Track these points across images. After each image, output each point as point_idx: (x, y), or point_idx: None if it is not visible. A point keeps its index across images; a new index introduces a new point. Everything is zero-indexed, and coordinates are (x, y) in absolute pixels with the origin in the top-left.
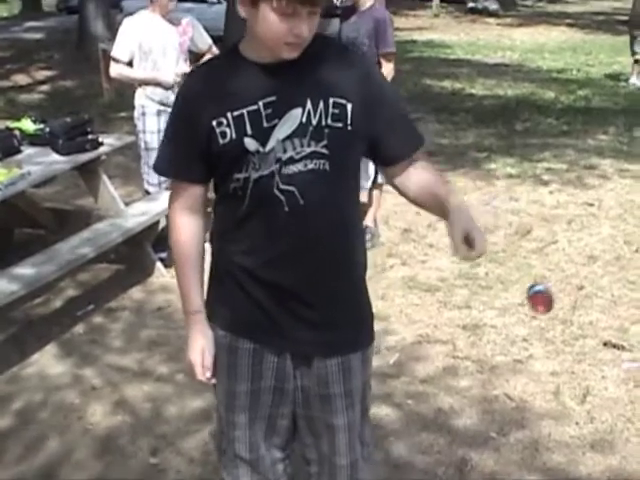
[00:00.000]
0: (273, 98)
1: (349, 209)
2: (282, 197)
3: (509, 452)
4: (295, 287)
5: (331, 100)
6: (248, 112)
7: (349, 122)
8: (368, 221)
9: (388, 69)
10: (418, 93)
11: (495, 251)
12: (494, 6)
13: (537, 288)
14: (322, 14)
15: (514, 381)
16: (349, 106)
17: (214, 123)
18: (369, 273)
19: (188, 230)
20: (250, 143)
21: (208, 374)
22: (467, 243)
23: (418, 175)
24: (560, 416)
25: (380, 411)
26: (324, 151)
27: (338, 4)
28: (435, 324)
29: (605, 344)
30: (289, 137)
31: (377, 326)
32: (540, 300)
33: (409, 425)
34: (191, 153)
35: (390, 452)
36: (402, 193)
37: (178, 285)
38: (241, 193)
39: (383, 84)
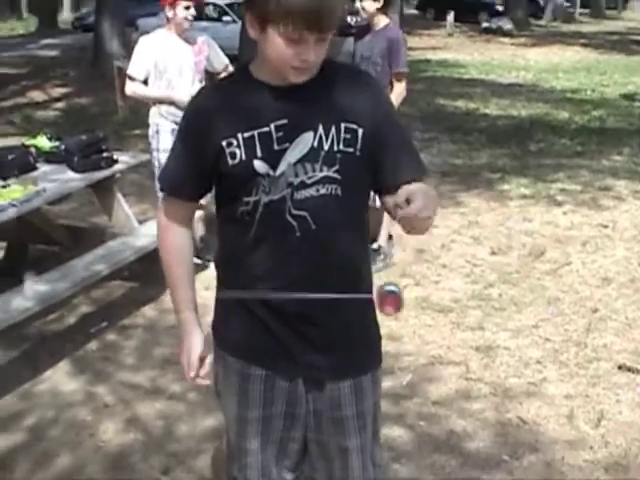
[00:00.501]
0: (285, 121)
1: (359, 232)
2: (294, 222)
3: (522, 475)
4: (306, 312)
5: (343, 125)
6: (259, 134)
7: (359, 147)
8: (381, 241)
9: (400, 89)
10: (432, 113)
11: (509, 272)
12: (508, 26)
13: (388, 288)
14: (337, 33)
15: (527, 404)
16: (360, 131)
17: (224, 143)
18: None
19: (180, 240)
20: (260, 166)
21: (192, 374)
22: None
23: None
24: (574, 440)
25: (392, 432)
26: (336, 176)
27: (352, 23)
28: (448, 345)
29: (620, 367)
30: (300, 161)
31: (390, 346)
32: (390, 300)
33: (421, 447)
34: (196, 171)
35: (402, 473)
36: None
37: (169, 288)
38: (249, 217)
39: (392, 111)
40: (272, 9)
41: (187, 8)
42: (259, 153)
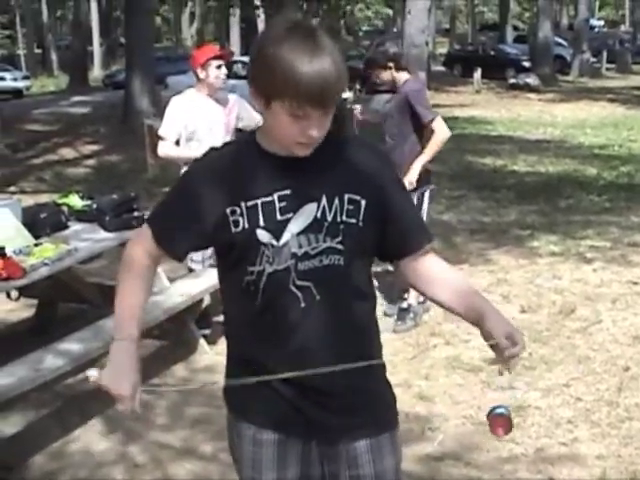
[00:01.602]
0: (288, 191)
1: (365, 301)
2: (299, 293)
3: None
4: (314, 380)
5: (346, 196)
6: (262, 203)
7: (361, 218)
8: (411, 300)
9: (440, 133)
10: (460, 170)
11: (539, 330)
12: (535, 82)
13: (499, 411)
14: (367, 91)
15: (559, 465)
16: (363, 202)
17: (228, 211)
18: (413, 352)
19: (146, 269)
20: (263, 235)
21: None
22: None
23: (441, 273)
24: None
25: None
26: (339, 247)
27: (378, 81)
28: (479, 405)
29: None
30: (304, 232)
31: (420, 407)
32: (501, 422)
33: None
34: (188, 230)
35: None
36: (415, 286)
37: (116, 306)
38: (254, 287)
39: (396, 180)
40: (278, 86)
41: (219, 67)
42: (262, 222)
